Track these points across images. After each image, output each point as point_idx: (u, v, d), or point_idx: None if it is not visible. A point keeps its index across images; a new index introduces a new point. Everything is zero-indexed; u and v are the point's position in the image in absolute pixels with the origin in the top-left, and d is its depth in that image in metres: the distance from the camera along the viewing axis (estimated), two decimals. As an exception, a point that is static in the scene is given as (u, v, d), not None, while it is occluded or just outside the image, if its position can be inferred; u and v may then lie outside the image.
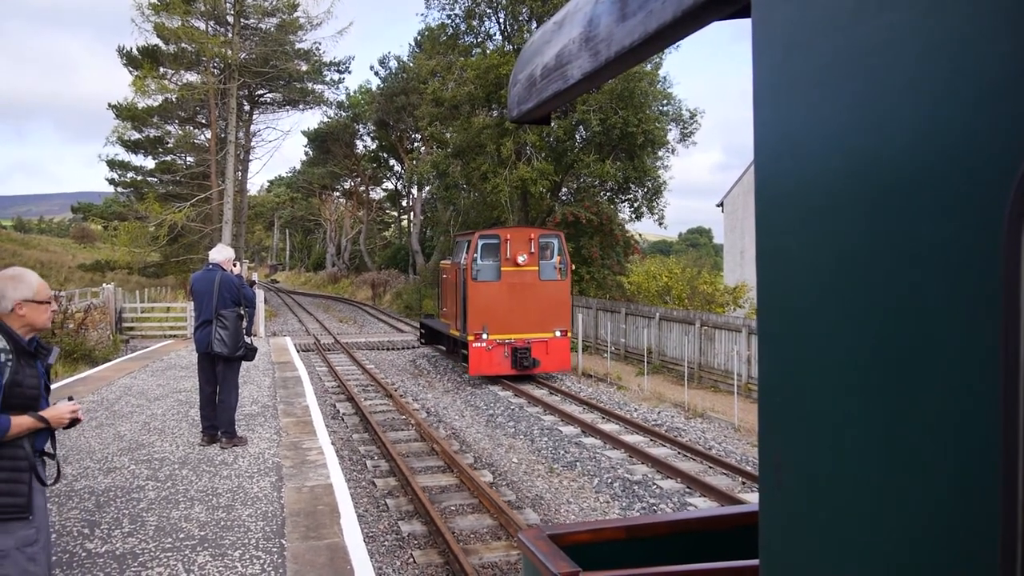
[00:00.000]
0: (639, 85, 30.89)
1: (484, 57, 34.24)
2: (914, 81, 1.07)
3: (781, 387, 1.34)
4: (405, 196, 66.79)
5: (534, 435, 14.44)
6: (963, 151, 0.98)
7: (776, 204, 1.35)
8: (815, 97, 1.27)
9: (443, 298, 23.92)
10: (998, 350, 0.92)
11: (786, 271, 1.33)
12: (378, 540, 9.14)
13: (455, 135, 36.54)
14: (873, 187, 1.14)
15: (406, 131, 56.24)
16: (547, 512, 10.28)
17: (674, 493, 10.92)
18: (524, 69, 2.60)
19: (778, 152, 1.36)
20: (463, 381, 21.28)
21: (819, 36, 1.25)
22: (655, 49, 1.84)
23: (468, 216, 45.04)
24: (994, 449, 0.93)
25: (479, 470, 12.07)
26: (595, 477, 11.76)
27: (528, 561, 2.92)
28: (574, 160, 33.61)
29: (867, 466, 1.16)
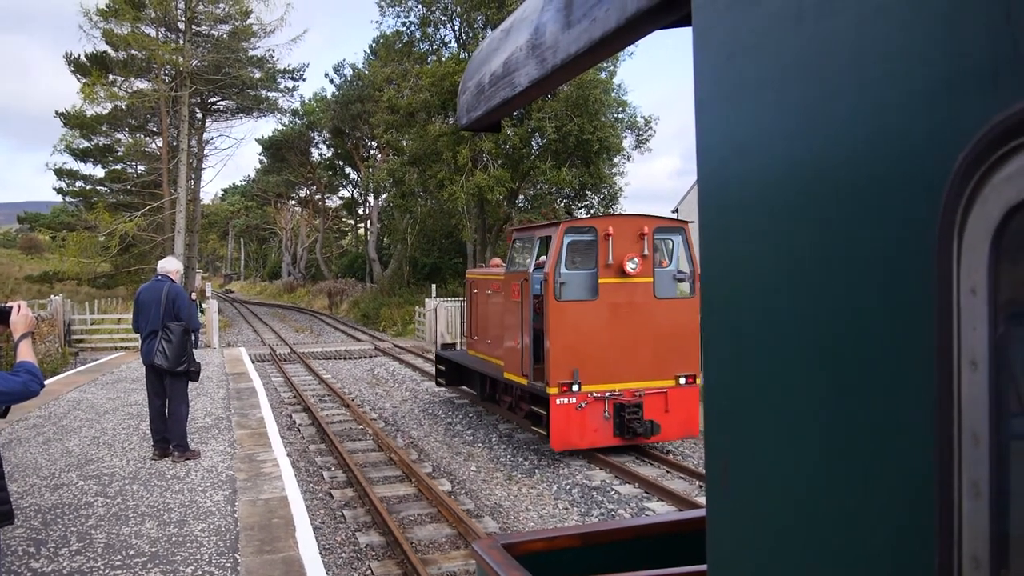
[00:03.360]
0: (593, 93, 31.11)
1: (439, 64, 34.24)
2: (852, 88, 1.08)
3: (727, 390, 1.34)
4: (361, 204, 66.41)
5: (493, 442, 14.42)
6: (899, 157, 0.99)
7: (719, 210, 1.36)
8: (756, 104, 1.28)
9: (478, 323, 17.01)
10: (933, 353, 0.93)
11: (730, 276, 1.33)
12: (335, 552, 9.03)
13: (411, 143, 36.45)
14: (814, 193, 1.15)
15: (362, 139, 55.95)
16: (505, 520, 10.26)
17: (632, 498, 10.96)
18: (473, 77, 2.60)
19: (721, 159, 1.36)
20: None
21: (759, 44, 1.26)
22: (600, 56, 1.84)
23: (425, 224, 44.99)
24: (930, 450, 0.94)
25: (437, 479, 12.01)
26: (553, 484, 11.76)
27: (482, 571, 2.90)
28: (530, 167, 33.71)
29: (812, 468, 1.16)
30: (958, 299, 0.90)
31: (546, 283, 12.41)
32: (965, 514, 0.90)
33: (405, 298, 41.02)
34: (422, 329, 32.95)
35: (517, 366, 13.66)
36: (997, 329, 0.87)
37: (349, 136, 56.28)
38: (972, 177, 0.88)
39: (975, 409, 0.89)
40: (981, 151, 0.87)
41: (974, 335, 0.88)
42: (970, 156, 0.88)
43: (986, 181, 0.87)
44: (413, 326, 35.50)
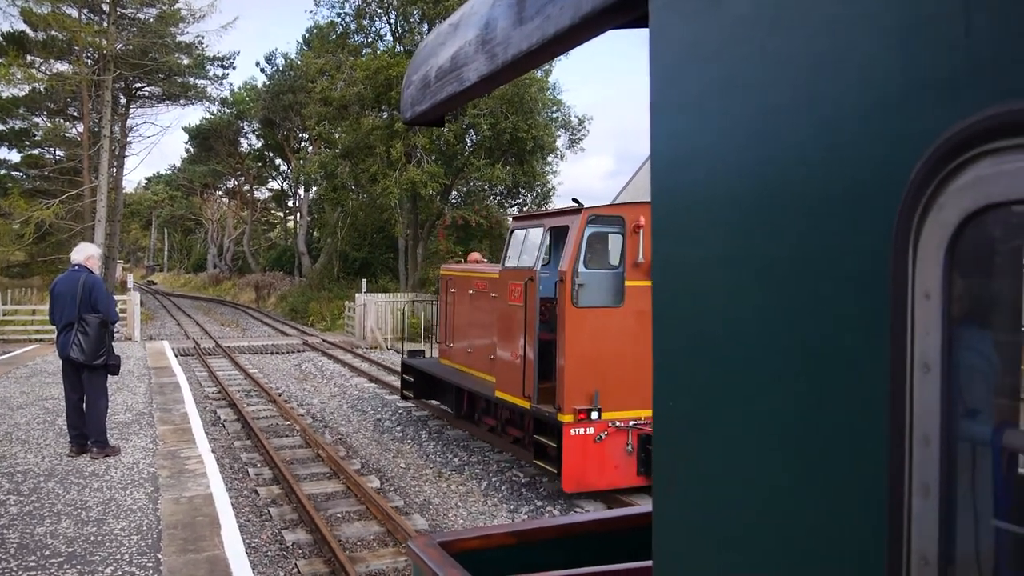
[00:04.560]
0: (529, 91, 31.19)
1: (374, 58, 33.85)
2: (807, 95, 1.10)
3: (676, 392, 1.35)
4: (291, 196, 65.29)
5: (423, 439, 14.36)
6: (857, 165, 1.01)
7: (672, 213, 1.37)
8: (711, 110, 1.29)
9: (456, 328, 14.73)
10: (887, 356, 0.95)
11: (682, 280, 1.34)
12: (261, 550, 8.85)
13: (344, 135, 35.98)
14: (768, 200, 1.17)
15: (293, 130, 54.98)
16: (435, 517, 10.22)
17: (561, 495, 11.04)
18: (418, 71, 2.57)
19: (674, 162, 1.37)
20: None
21: (717, 50, 1.27)
22: (553, 53, 1.84)
23: (356, 218, 44.50)
24: (882, 451, 0.96)
25: (366, 476, 11.89)
26: (483, 481, 11.77)
27: (418, 569, 2.88)
28: (464, 163, 33.63)
29: (759, 469, 1.18)
30: (912, 304, 0.92)
31: (562, 285, 9.99)
32: (915, 514, 0.92)
33: (335, 293, 40.48)
34: (351, 324, 32.60)
35: (516, 384, 11.04)
36: (950, 334, 0.89)
37: (280, 127, 55.24)
38: (929, 186, 0.90)
39: (927, 411, 0.91)
40: (938, 161, 0.89)
41: (927, 339, 0.91)
42: (927, 165, 0.90)
43: (942, 190, 0.89)
44: (342, 321, 35.08)
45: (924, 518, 0.91)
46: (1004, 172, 0.83)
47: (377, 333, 29.41)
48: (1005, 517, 0.96)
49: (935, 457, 0.90)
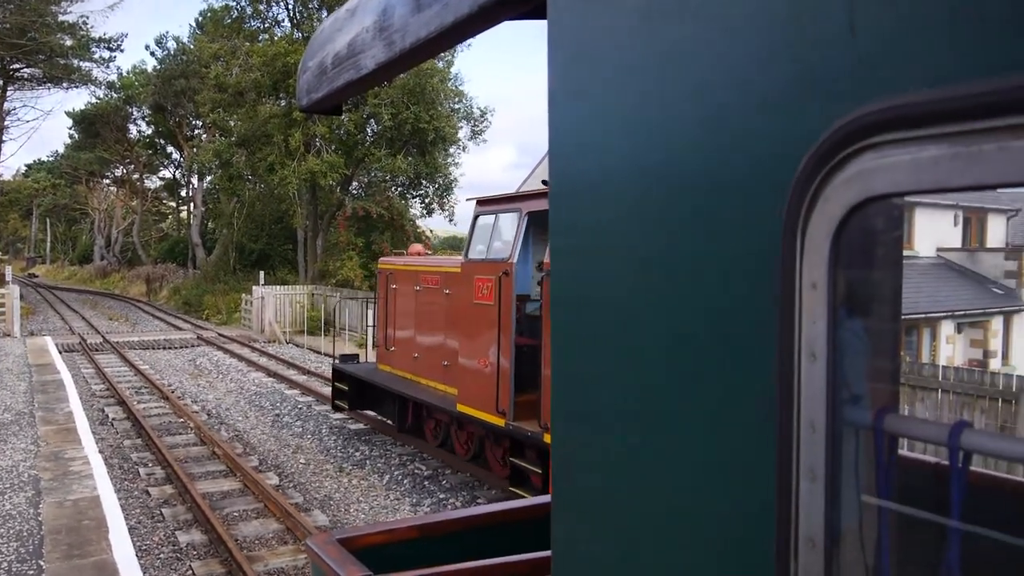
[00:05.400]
0: (431, 82, 31.03)
1: (272, 44, 33.02)
2: (699, 89, 1.11)
3: (573, 384, 1.36)
4: (184, 186, 63.06)
5: (323, 434, 14.12)
6: (747, 157, 1.03)
7: (569, 204, 1.37)
8: (607, 102, 1.29)
9: (399, 330, 13.24)
10: (775, 345, 0.97)
11: (578, 271, 1.35)
12: (153, 553, 8.54)
13: (240, 123, 34.97)
14: (662, 191, 1.18)
15: (186, 117, 53.07)
16: (336, 512, 10.07)
17: (463, 487, 11.05)
18: (314, 57, 2.50)
19: (571, 153, 1.37)
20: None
21: (612, 41, 1.27)
22: (451, 42, 1.82)
23: (253, 208, 43.37)
24: (771, 437, 0.99)
25: (264, 473, 11.62)
26: (385, 475, 11.67)
27: (317, 568, 2.82)
28: (365, 154, 33.21)
29: (654, 458, 1.20)
30: (800, 294, 0.95)
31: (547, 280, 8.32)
32: (802, 497, 0.95)
33: (231, 285, 39.32)
34: (249, 318, 31.77)
35: (486, 398, 9.78)
36: (835, 323, 0.92)
37: (172, 113, 53.22)
38: (815, 179, 0.93)
39: (813, 398, 0.94)
40: (823, 155, 0.92)
41: (814, 328, 0.93)
42: (813, 159, 0.93)
43: (827, 183, 0.91)
44: (239, 315, 34.14)
45: (811, 502, 0.94)
46: (884, 166, 0.86)
47: (276, 327, 28.75)
48: (888, 499, 1.00)
49: (821, 442, 0.93)
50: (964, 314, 23.67)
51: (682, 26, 1.14)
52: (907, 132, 0.84)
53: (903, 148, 0.85)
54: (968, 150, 0.79)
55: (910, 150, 0.84)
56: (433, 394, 11.60)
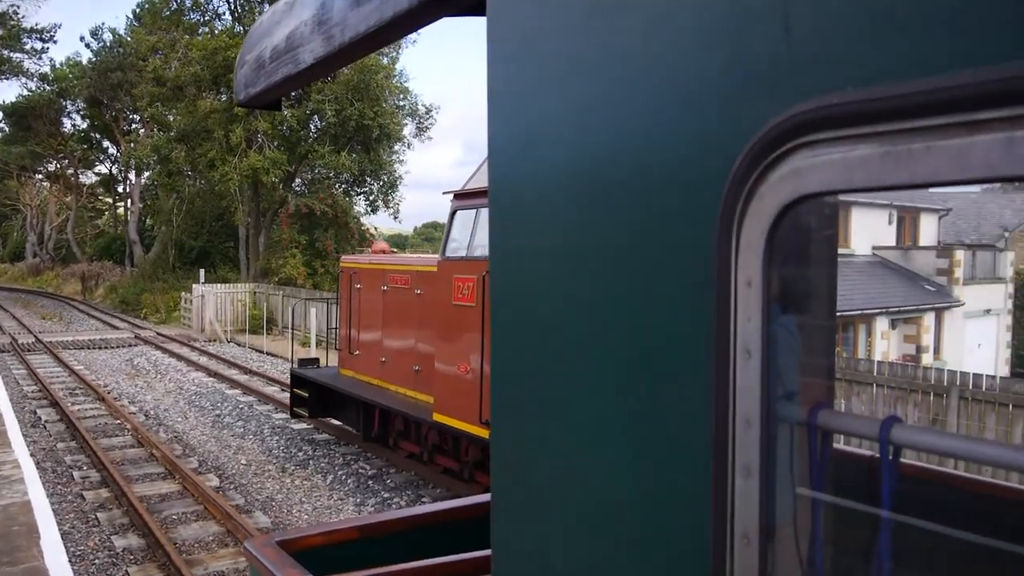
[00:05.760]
0: (375, 78, 30.77)
1: (212, 37, 32.41)
2: (639, 88, 1.11)
3: (513, 382, 1.35)
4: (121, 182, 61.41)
5: (265, 434, 13.91)
6: (683, 155, 1.03)
7: (509, 202, 1.37)
8: (547, 97, 1.29)
9: (364, 333, 12.51)
10: (712, 342, 0.98)
11: (518, 268, 1.34)
12: (87, 559, 8.32)
13: (179, 118, 34.26)
14: (600, 188, 1.18)
15: (123, 111, 51.71)
16: (278, 514, 9.93)
17: (408, 485, 11.00)
18: (252, 50, 2.45)
19: (512, 151, 1.37)
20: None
21: (551, 38, 1.27)
22: (391, 37, 1.79)
23: (193, 205, 42.53)
24: (707, 433, 0.99)
25: (204, 474, 11.40)
26: (328, 475, 11.55)
27: (256, 571, 2.77)
28: (308, 150, 32.80)
29: (595, 454, 1.20)
30: (735, 291, 0.95)
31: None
32: (737, 493, 0.96)
33: (170, 283, 38.47)
34: (188, 317, 31.13)
35: (467, 407, 9.12)
36: (770, 320, 0.93)
37: (108, 107, 51.80)
38: (750, 177, 0.93)
39: (748, 395, 0.94)
40: (758, 153, 0.92)
41: (749, 325, 0.94)
42: (748, 157, 0.93)
43: (763, 180, 0.92)
44: (178, 313, 33.43)
45: (746, 497, 0.94)
46: (817, 164, 0.87)
47: (216, 325, 28.23)
48: (821, 493, 1.01)
49: (756, 438, 0.93)
50: (898, 310, 24.35)
51: (620, 24, 1.13)
52: (839, 131, 0.85)
53: (835, 147, 0.86)
54: (897, 149, 0.80)
55: (842, 149, 0.85)
56: (403, 401, 10.87)
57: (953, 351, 25.67)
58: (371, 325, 12.12)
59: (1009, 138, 0.72)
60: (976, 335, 26.79)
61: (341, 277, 13.36)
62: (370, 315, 12.15)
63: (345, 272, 13.13)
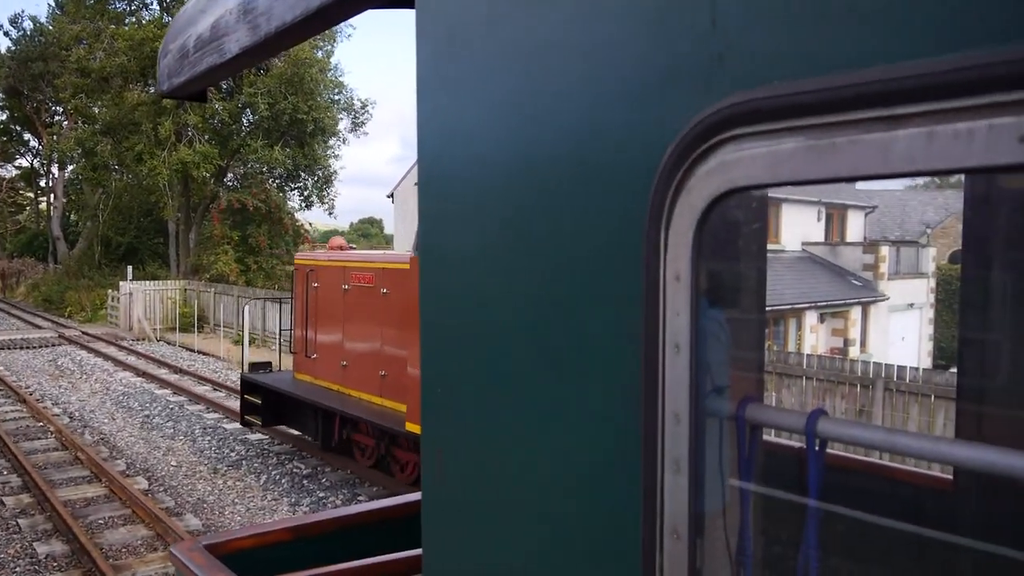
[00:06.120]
0: (310, 71, 30.35)
1: (139, 27, 31.52)
2: (567, 81, 1.10)
3: (442, 379, 1.33)
4: (44, 176, 59.32)
5: (196, 435, 13.60)
6: (612, 149, 1.02)
7: (439, 198, 1.34)
8: (477, 91, 1.27)
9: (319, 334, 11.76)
10: (640, 337, 0.97)
11: (448, 264, 1.32)
12: (8, 567, 8.02)
13: (105, 110, 33.25)
14: (529, 183, 1.16)
15: (45, 102, 49.86)
16: (210, 516, 9.72)
17: (343, 484, 10.88)
18: (176, 39, 2.38)
19: (441, 146, 1.34)
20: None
21: (479, 30, 1.25)
22: (318, 27, 1.75)
23: (121, 200, 41.35)
24: (636, 429, 0.99)
25: (132, 477, 11.10)
26: (262, 475, 11.35)
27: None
28: (241, 144, 32.17)
29: (525, 452, 1.18)
30: (664, 286, 0.95)
31: None
32: (667, 489, 0.95)
33: (96, 281, 37.32)
34: (116, 315, 30.27)
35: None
36: (699, 314, 0.93)
37: (29, 98, 49.88)
38: (678, 171, 0.93)
39: (677, 390, 0.94)
40: (686, 147, 0.92)
41: (678, 320, 0.93)
42: (677, 151, 0.93)
43: (691, 174, 0.92)
44: (105, 312, 32.46)
45: (675, 493, 0.94)
46: (744, 158, 0.86)
47: (145, 324, 27.50)
48: (750, 487, 1.02)
49: (685, 434, 0.93)
50: (827, 305, 25.02)
51: (547, 17, 1.12)
52: (765, 125, 0.85)
53: (762, 141, 0.86)
54: (822, 143, 0.81)
55: (768, 143, 0.85)
56: (368, 408, 10.23)
57: (879, 344, 26.50)
58: (331, 326, 11.44)
59: (930, 132, 0.73)
60: (900, 328, 27.71)
61: (296, 275, 12.61)
62: (329, 315, 11.46)
63: (300, 270, 12.35)
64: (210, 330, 26.84)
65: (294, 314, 12.51)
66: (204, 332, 26.48)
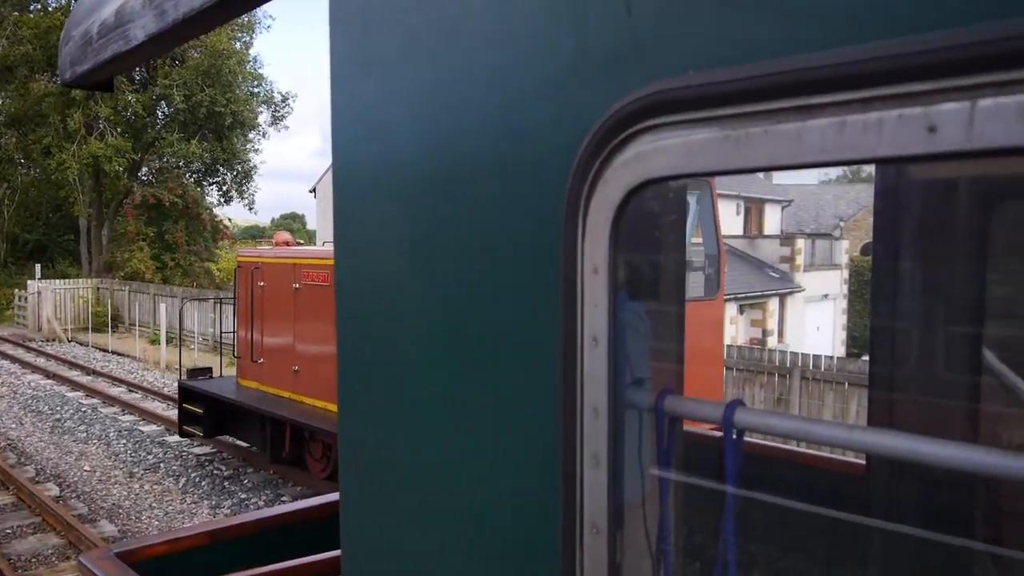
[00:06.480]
0: (227, 63, 29.62)
1: (45, 15, 30.24)
2: (483, 70, 1.08)
3: (359, 374, 1.30)
4: (-57, 170, 56.48)
5: (111, 438, 13.15)
6: (529, 140, 1.01)
7: (354, 188, 1.31)
8: (389, 81, 1.23)
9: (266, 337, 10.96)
10: (559, 330, 0.96)
11: (364, 257, 1.29)
12: (-94, 581, 7.61)
13: (9, 101, 31.80)
14: (447, 172, 1.14)
15: (-58, 92, 47.53)
16: (126, 522, 9.41)
17: (267, 484, 10.68)
18: (79, 25, 2.28)
19: (356, 134, 1.31)
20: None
21: (396, 15, 1.22)
22: (228, 14, 1.69)
23: (28, 196, 39.62)
24: (555, 423, 0.97)
25: (42, 484, 10.66)
26: (181, 478, 11.05)
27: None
28: (155, 138, 31.22)
29: (443, 448, 1.16)
30: (582, 278, 0.93)
31: None
32: (586, 484, 0.94)
33: (2, 280, 35.75)
34: (23, 315, 29.04)
35: None
36: (617, 306, 0.92)
37: (-76, 88, 47.50)
38: (595, 162, 0.92)
39: (596, 383, 0.93)
40: (603, 137, 0.91)
41: (596, 312, 0.92)
42: (593, 142, 0.92)
43: (608, 164, 0.90)
44: (12, 312, 31.11)
45: (594, 487, 0.93)
46: (660, 148, 0.86)
47: (55, 324, 26.46)
48: (669, 479, 1.01)
49: (604, 427, 0.92)
50: (746, 296, 25.63)
51: (466, 4, 1.10)
52: (681, 115, 0.84)
53: (678, 131, 0.85)
54: (736, 133, 0.80)
55: (684, 133, 0.84)
56: (325, 418, 9.57)
57: (795, 334, 27.29)
58: (280, 329, 10.57)
59: (842, 122, 0.73)
60: (815, 318, 28.60)
61: (239, 273, 11.62)
62: (278, 317, 10.60)
63: (244, 268, 11.38)
64: (125, 329, 25.99)
65: (237, 316, 11.66)
66: (119, 332, 25.63)
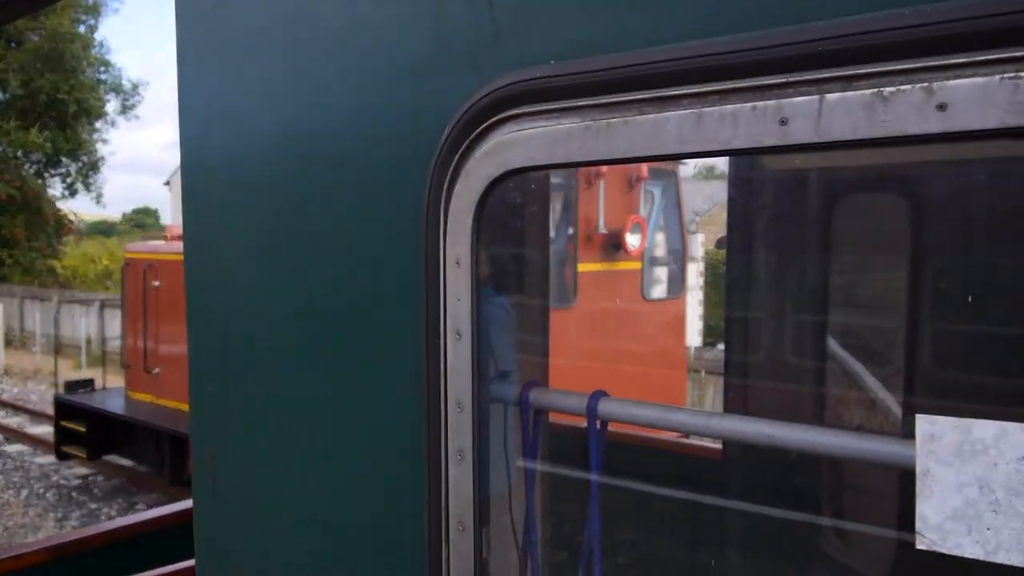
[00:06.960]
0: (70, 47, 27.86)
1: None
2: (341, 57, 1.04)
3: (213, 376, 1.23)
4: None
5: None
6: (389, 130, 0.98)
7: (203, 178, 1.24)
8: (241, 65, 1.17)
9: (161, 343, 9.80)
10: (421, 324, 0.94)
11: (216, 250, 1.22)
12: None
13: None
14: (303, 163, 1.09)
15: None
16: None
17: (120, 492, 10.14)
18: None
19: (204, 121, 1.23)
20: None
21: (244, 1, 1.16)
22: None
23: None
24: (419, 418, 0.95)
25: None
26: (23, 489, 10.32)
27: (-84, 614, 2.37)
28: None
29: (304, 448, 1.12)
30: (444, 270, 0.92)
31: None
32: (451, 480, 0.92)
33: None
34: None
35: None
36: (480, 299, 0.90)
37: None
38: (456, 153, 0.90)
39: (460, 377, 0.91)
40: (464, 126, 0.89)
41: (459, 305, 0.91)
42: (454, 131, 0.90)
43: (469, 155, 0.89)
44: None
45: (459, 483, 0.91)
46: (521, 139, 0.85)
47: None
48: (535, 472, 1.01)
49: (468, 421, 0.91)
50: (608, 289, 26.28)
51: None
52: (542, 105, 0.84)
53: (539, 121, 0.84)
54: (597, 124, 0.80)
55: (545, 123, 0.84)
56: None
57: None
58: (181, 335, 8.93)
59: (698, 114, 0.74)
60: (674, 310, 29.67)
61: (127, 272, 10.41)
62: (179, 321, 9.11)
63: (134, 266, 10.12)
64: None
65: (125, 320, 10.43)
66: None
